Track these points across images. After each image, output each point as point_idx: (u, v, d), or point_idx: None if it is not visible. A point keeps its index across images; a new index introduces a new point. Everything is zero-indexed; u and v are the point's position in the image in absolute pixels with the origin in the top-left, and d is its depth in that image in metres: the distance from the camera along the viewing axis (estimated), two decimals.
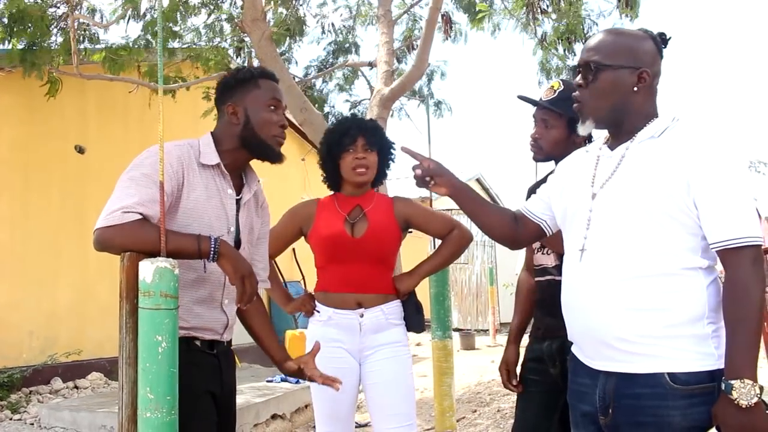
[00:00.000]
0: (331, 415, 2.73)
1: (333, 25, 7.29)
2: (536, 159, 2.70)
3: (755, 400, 1.57)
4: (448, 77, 7.35)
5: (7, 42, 5.55)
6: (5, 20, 5.44)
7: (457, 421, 5.01)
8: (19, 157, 6.67)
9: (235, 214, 2.20)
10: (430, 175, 2.03)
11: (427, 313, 3.09)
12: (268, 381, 6.21)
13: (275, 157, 2.26)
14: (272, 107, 2.23)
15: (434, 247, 3.49)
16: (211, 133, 2.23)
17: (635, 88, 1.79)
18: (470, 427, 5.49)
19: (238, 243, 2.21)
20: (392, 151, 2.88)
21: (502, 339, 12.56)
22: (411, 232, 2.94)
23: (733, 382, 1.58)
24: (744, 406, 1.57)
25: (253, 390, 5.76)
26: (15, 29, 5.45)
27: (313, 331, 2.78)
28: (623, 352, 1.73)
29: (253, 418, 5.16)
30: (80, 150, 7.16)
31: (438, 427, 3.69)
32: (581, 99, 1.87)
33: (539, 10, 5.67)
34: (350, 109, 7.40)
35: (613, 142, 1.87)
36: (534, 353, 2.66)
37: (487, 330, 13.10)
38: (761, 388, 1.59)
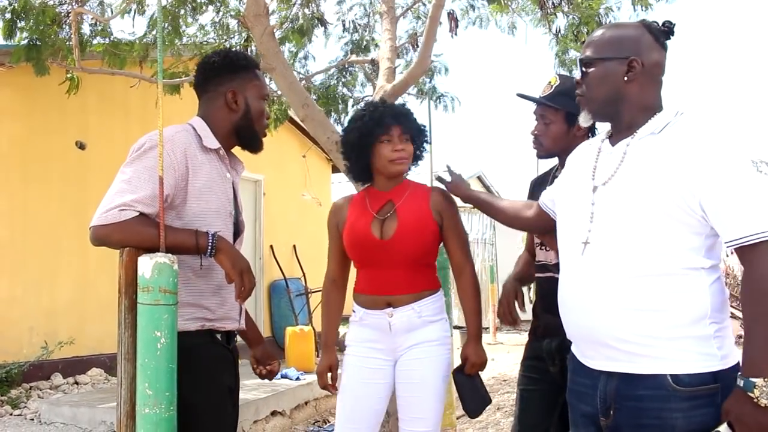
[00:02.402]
0: (351, 417, 2.64)
1: (353, 22, 7.28)
2: (539, 156, 2.71)
3: None
4: (449, 74, 7.29)
5: (11, 38, 5.52)
6: (8, 15, 5.42)
7: (457, 418, 5.01)
8: (19, 153, 6.66)
9: (233, 197, 2.21)
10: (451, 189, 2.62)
11: None
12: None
13: (260, 148, 2.29)
14: (265, 99, 2.26)
15: None
16: (201, 116, 2.21)
17: (625, 78, 1.79)
18: (470, 425, 5.49)
19: (237, 226, 2.22)
20: (425, 136, 2.70)
21: (503, 337, 12.58)
22: None
23: (755, 380, 1.53)
24: (764, 405, 1.52)
25: (253, 386, 5.76)
26: (19, 25, 5.43)
27: (350, 331, 2.72)
28: (624, 353, 1.70)
29: (252, 414, 5.16)
30: (81, 146, 7.15)
31: None
32: (580, 94, 1.89)
33: (552, 5, 5.63)
34: (352, 106, 7.38)
35: (615, 137, 1.86)
36: (533, 351, 2.65)
37: (488, 328, 13.09)
38: None
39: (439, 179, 2.71)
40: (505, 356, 9.55)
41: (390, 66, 4.97)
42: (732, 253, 1.65)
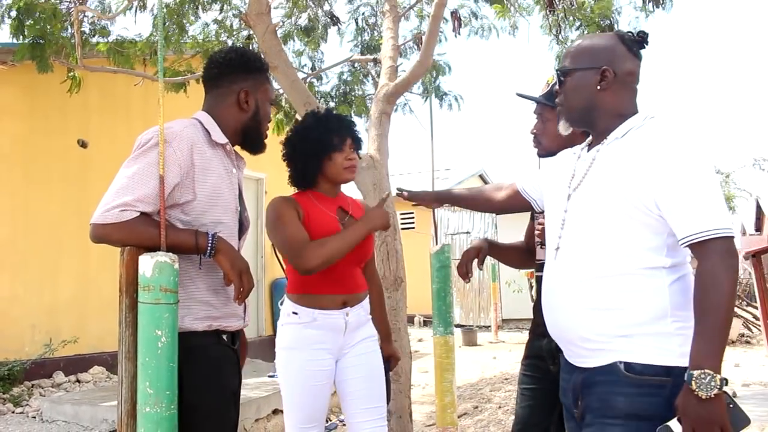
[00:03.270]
0: (308, 418, 2.68)
1: (364, 20, 7.29)
2: (539, 155, 2.71)
3: (715, 391, 1.55)
4: (451, 73, 7.29)
5: (18, 37, 5.52)
6: (13, 13, 5.42)
7: (459, 417, 5.01)
8: (21, 151, 6.67)
9: (238, 193, 2.20)
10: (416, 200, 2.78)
11: (429, 309, 3.11)
12: (269, 376, 6.21)
13: (262, 150, 2.30)
14: (272, 103, 2.27)
15: (436, 243, 3.51)
16: (206, 111, 2.19)
17: (599, 87, 1.86)
18: (471, 423, 5.49)
19: (242, 222, 2.21)
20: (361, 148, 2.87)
21: (504, 335, 12.59)
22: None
23: (693, 372, 1.58)
24: (703, 398, 1.56)
25: (255, 385, 5.77)
26: (25, 23, 5.43)
27: (292, 334, 2.67)
28: (588, 350, 1.78)
29: (254, 413, 5.17)
30: (83, 144, 7.16)
31: (439, 423, 3.68)
32: (559, 102, 1.97)
33: (563, 8, 5.60)
34: (350, 105, 7.39)
35: (593, 144, 1.94)
36: (533, 350, 2.65)
37: (489, 326, 13.10)
38: (725, 381, 1.58)
39: (400, 193, 2.87)
40: (507, 354, 9.56)
41: (392, 65, 4.96)
42: None
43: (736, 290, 1.67)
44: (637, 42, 1.90)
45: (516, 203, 2.44)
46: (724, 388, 1.58)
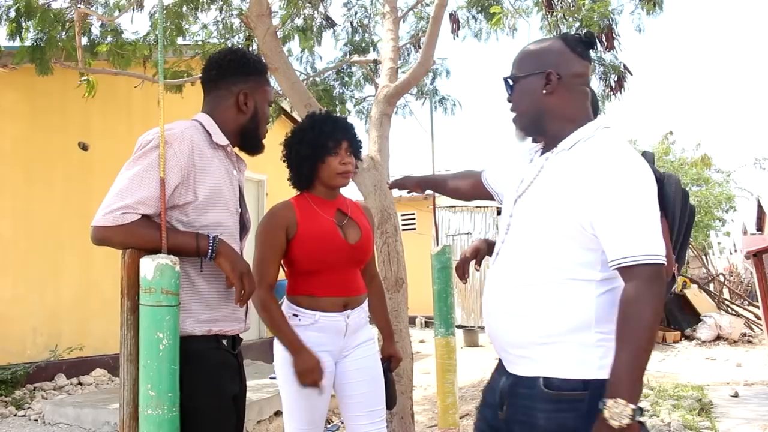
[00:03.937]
0: (309, 420, 2.66)
1: (358, 23, 7.30)
2: None
3: (627, 421, 1.52)
4: (452, 73, 7.33)
5: (17, 38, 5.52)
6: (12, 13, 5.43)
7: (460, 418, 5.00)
8: (23, 153, 6.68)
9: (239, 195, 2.20)
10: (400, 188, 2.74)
11: (431, 310, 3.09)
12: (271, 377, 6.20)
13: (260, 150, 2.29)
14: (271, 105, 2.26)
15: (437, 244, 3.50)
16: (207, 113, 2.19)
17: (544, 91, 1.83)
18: (472, 423, 5.48)
19: (244, 223, 2.21)
20: (361, 152, 2.84)
21: None
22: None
23: (607, 400, 1.55)
24: (615, 427, 1.53)
25: (257, 387, 5.76)
26: (25, 25, 5.43)
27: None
28: (515, 356, 1.80)
29: (256, 414, 5.16)
30: (83, 147, 7.17)
31: (441, 424, 3.68)
32: (511, 111, 1.95)
33: (561, 8, 5.59)
34: (354, 106, 7.40)
35: (544, 150, 1.91)
36: None
37: None
38: (639, 410, 1.54)
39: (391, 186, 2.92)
40: None
41: (393, 66, 4.97)
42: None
43: (660, 318, 1.64)
44: (582, 43, 1.86)
45: (480, 193, 2.38)
46: (638, 418, 1.54)
